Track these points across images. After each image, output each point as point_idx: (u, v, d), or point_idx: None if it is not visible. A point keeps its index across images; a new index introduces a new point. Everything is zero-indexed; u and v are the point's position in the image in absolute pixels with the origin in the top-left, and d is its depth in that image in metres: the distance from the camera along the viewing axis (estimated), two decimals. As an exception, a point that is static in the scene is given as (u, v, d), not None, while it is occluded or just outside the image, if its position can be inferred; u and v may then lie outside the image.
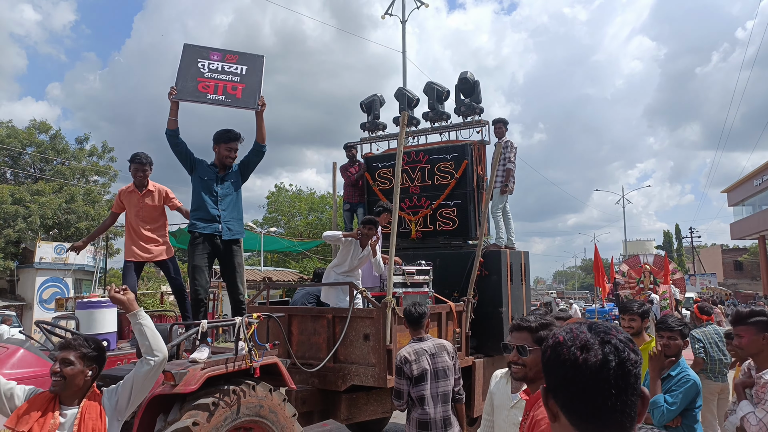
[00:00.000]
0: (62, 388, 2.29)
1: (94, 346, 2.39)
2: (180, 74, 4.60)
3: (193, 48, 4.72)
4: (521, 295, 6.99)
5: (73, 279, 24.25)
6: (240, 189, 4.59)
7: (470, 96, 7.33)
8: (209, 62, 4.61)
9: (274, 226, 32.02)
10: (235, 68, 4.61)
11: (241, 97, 4.47)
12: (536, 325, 2.15)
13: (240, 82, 4.54)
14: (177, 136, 4.49)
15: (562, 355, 1.04)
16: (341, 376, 5.14)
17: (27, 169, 26.05)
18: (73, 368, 2.30)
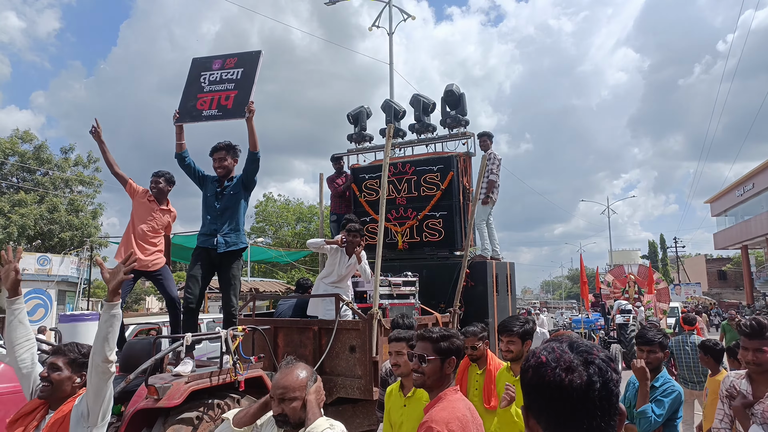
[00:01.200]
0: (49, 394, 2.25)
1: (84, 352, 2.34)
2: (184, 94, 4.66)
3: (198, 61, 4.77)
4: (507, 305, 7.04)
5: (56, 290, 23.88)
6: (241, 200, 4.51)
7: (456, 108, 7.41)
8: (210, 73, 4.63)
9: (262, 236, 31.88)
10: (231, 73, 4.56)
11: (232, 106, 4.41)
12: (437, 336, 2.28)
13: (233, 89, 4.49)
14: (184, 158, 4.56)
15: (547, 376, 1.02)
16: (327, 389, 5.11)
17: (9, 179, 25.71)
18: (60, 374, 2.26)
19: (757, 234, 31.01)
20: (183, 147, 4.58)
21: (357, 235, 5.52)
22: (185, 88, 4.69)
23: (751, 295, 33.78)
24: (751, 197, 31.99)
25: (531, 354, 1.11)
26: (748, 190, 31.91)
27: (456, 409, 2.08)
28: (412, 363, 2.32)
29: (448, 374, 2.27)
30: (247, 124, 4.35)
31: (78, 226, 24.84)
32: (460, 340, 2.34)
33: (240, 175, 4.53)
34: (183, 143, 4.58)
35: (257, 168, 4.50)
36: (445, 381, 2.25)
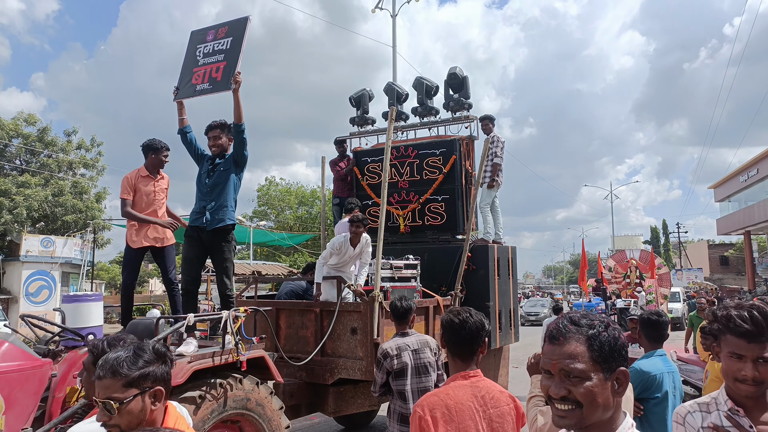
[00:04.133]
0: None
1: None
2: (182, 69, 4.66)
3: (196, 34, 4.75)
4: (508, 289, 7.06)
5: (60, 272, 24.02)
6: (231, 175, 4.45)
7: (459, 91, 7.35)
8: (205, 46, 4.61)
9: (264, 220, 31.92)
10: (222, 44, 4.52)
11: (221, 78, 4.37)
12: None
13: (223, 60, 4.45)
14: (186, 134, 4.58)
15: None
16: (329, 370, 5.17)
17: (13, 161, 25.72)
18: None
19: (760, 220, 30.90)
20: (185, 122, 4.58)
21: (360, 226, 5.52)
22: (184, 62, 4.69)
23: (752, 281, 33.78)
24: (755, 183, 31.81)
25: None
26: (752, 175, 31.73)
27: (450, 396, 2.03)
28: None
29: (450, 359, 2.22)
30: (233, 96, 4.26)
31: (82, 209, 24.90)
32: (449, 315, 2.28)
33: (231, 152, 4.51)
34: (184, 118, 4.58)
35: (244, 141, 4.41)
36: (451, 366, 2.20)
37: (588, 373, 1.23)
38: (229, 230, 4.47)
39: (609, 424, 1.26)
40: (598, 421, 1.24)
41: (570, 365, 1.24)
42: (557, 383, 1.25)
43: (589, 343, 1.25)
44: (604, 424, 1.26)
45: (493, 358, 6.81)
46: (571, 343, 1.26)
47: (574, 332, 1.27)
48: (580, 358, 1.24)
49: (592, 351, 1.24)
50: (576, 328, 1.28)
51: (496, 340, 6.54)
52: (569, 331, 1.28)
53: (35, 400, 3.23)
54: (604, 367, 1.24)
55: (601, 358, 1.24)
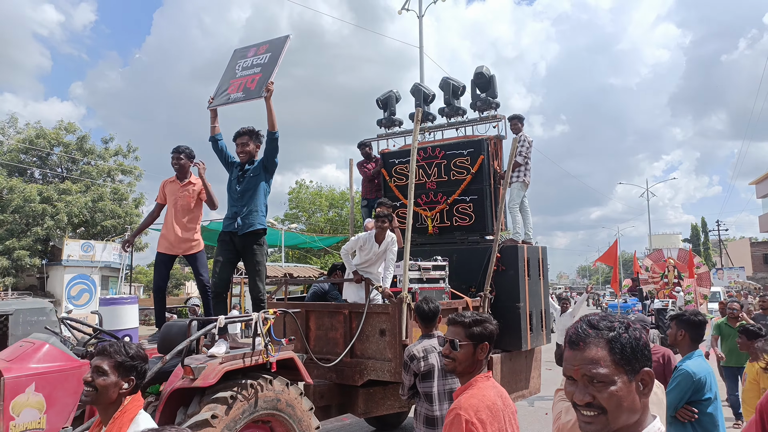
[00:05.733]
0: (93, 399, 2.05)
1: (133, 353, 2.11)
2: (220, 82, 4.82)
3: (238, 52, 4.92)
4: (539, 290, 6.96)
5: (99, 276, 24.82)
6: (262, 182, 4.55)
7: (486, 91, 7.29)
8: (245, 60, 4.75)
9: (295, 223, 32.28)
10: (261, 59, 4.65)
11: (255, 87, 4.48)
12: (469, 321, 2.22)
13: (259, 72, 4.57)
14: (217, 142, 4.70)
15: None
16: (358, 371, 5.20)
17: (54, 168, 26.70)
18: (106, 379, 2.03)
19: (806, 216, 29.67)
20: (216, 130, 4.71)
21: (385, 221, 5.54)
22: (223, 76, 4.86)
23: (799, 280, 32.44)
24: (801, 178, 30.58)
25: None
26: (798, 170, 30.47)
27: (486, 396, 2.03)
28: (443, 348, 2.27)
29: (480, 360, 2.21)
30: (265, 104, 4.37)
31: (121, 215, 25.66)
32: (493, 325, 2.28)
33: (262, 157, 4.59)
34: (216, 126, 4.71)
35: (276, 148, 4.52)
36: (476, 367, 2.20)
37: (611, 377, 1.20)
38: (261, 234, 4.56)
39: (636, 427, 1.23)
40: (625, 425, 1.21)
41: (592, 371, 1.21)
42: (581, 389, 1.23)
43: (611, 346, 1.22)
44: (631, 427, 1.22)
45: (524, 360, 6.72)
46: (591, 348, 1.23)
47: (594, 336, 1.24)
48: (602, 362, 1.21)
49: (613, 354, 1.22)
50: (595, 331, 1.25)
51: (527, 342, 6.46)
52: (589, 335, 1.25)
53: (74, 399, 3.35)
54: (628, 369, 1.21)
55: (624, 361, 1.21)
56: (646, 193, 45.02)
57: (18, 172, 25.07)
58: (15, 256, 22.23)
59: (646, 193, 45.10)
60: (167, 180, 5.13)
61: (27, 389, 3.14)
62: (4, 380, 3.09)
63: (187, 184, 5.03)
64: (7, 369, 3.15)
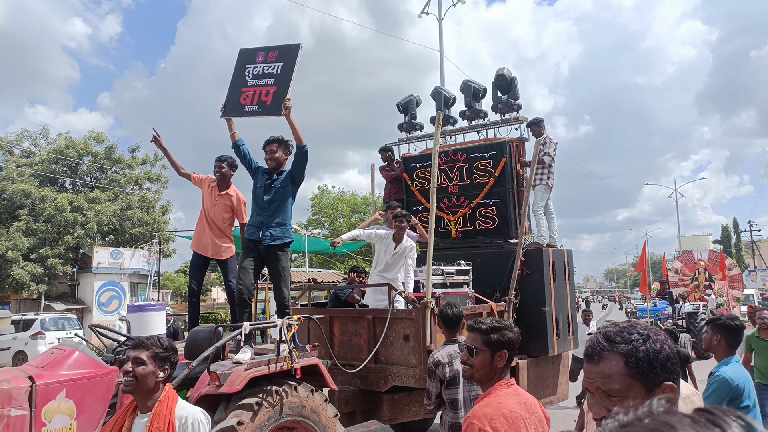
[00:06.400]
0: (134, 389, 2.24)
1: (166, 345, 2.34)
2: (231, 86, 4.79)
3: (245, 53, 4.86)
4: (565, 294, 6.85)
5: (128, 283, 25.33)
6: (289, 194, 4.58)
7: (507, 93, 7.23)
8: (254, 66, 4.70)
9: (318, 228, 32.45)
10: (272, 68, 4.61)
11: (271, 103, 4.48)
12: (487, 328, 2.18)
13: (273, 84, 4.55)
14: (238, 148, 4.76)
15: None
16: (383, 377, 5.18)
17: (84, 178, 27.36)
18: (145, 368, 2.24)
19: (844, 215, 28.65)
20: (236, 137, 4.76)
21: (403, 220, 5.55)
22: (232, 80, 4.83)
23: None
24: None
25: None
26: (834, 167, 29.47)
27: (503, 405, 1.98)
28: (461, 354, 2.25)
29: (498, 368, 2.16)
30: (287, 121, 4.40)
31: (149, 222, 26.15)
32: (513, 333, 2.23)
33: (290, 169, 4.62)
34: (235, 133, 4.75)
35: (305, 161, 4.56)
36: (495, 374, 2.15)
37: (626, 392, 1.17)
38: (287, 246, 4.61)
39: None
40: None
41: (605, 385, 1.19)
42: (598, 403, 1.21)
43: (626, 360, 1.19)
44: None
45: (551, 365, 6.61)
46: (605, 362, 1.21)
47: (609, 349, 1.22)
48: (616, 376, 1.19)
49: (629, 368, 1.19)
50: (610, 344, 1.23)
51: (553, 347, 6.36)
52: (603, 348, 1.23)
53: (104, 406, 3.40)
54: (645, 383, 1.18)
55: (640, 375, 1.18)
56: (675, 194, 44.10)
57: (49, 182, 25.76)
58: (48, 264, 22.83)
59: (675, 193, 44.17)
60: (210, 180, 5.14)
61: (58, 396, 3.21)
62: (36, 387, 3.16)
63: (225, 195, 5.09)
64: (39, 376, 3.22)
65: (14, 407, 3.04)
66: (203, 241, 5.06)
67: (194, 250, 5.14)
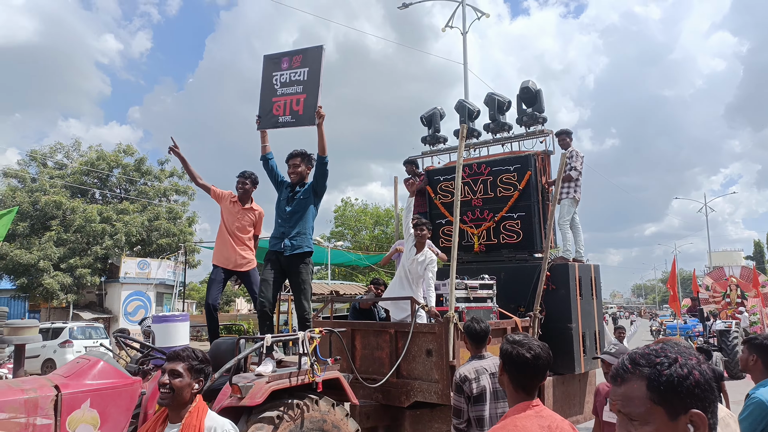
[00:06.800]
0: (170, 401, 2.24)
1: (201, 357, 2.36)
2: (261, 97, 4.83)
3: (270, 59, 4.89)
4: (592, 310, 6.70)
5: (155, 293, 25.73)
6: (311, 205, 4.59)
7: (532, 105, 7.17)
8: (281, 74, 4.73)
9: (341, 240, 32.57)
10: (298, 74, 4.63)
11: (303, 112, 4.51)
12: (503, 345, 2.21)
13: (302, 92, 4.57)
14: (268, 161, 4.79)
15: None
16: (405, 392, 5.11)
17: (114, 189, 28.00)
18: (182, 380, 2.25)
19: None
20: (267, 149, 4.79)
21: (423, 228, 5.54)
22: (261, 90, 4.87)
23: None
24: None
25: None
26: None
27: (519, 427, 1.89)
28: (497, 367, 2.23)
29: (503, 384, 2.12)
30: (317, 129, 4.42)
31: (175, 233, 26.59)
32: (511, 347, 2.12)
33: (312, 181, 4.63)
34: (267, 146, 4.79)
35: (326, 172, 4.56)
36: (509, 393, 2.10)
37: (646, 417, 1.13)
38: (308, 255, 4.60)
39: None
40: None
41: (626, 408, 1.16)
42: (621, 426, 1.19)
43: (648, 383, 1.15)
44: None
45: (578, 383, 6.46)
46: (627, 384, 1.18)
47: (631, 371, 1.19)
48: (637, 400, 1.15)
49: (651, 392, 1.14)
50: (634, 367, 1.19)
51: (580, 365, 6.21)
52: (627, 370, 1.20)
53: (127, 416, 3.42)
54: (669, 409, 1.12)
55: (663, 400, 1.13)
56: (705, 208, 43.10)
57: (80, 193, 26.42)
58: (77, 274, 23.34)
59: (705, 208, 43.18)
60: (231, 196, 5.16)
61: (83, 405, 3.23)
62: (62, 396, 3.19)
63: (248, 210, 5.12)
64: (64, 385, 3.26)
65: (40, 416, 3.08)
66: (225, 254, 5.08)
67: (215, 264, 5.14)
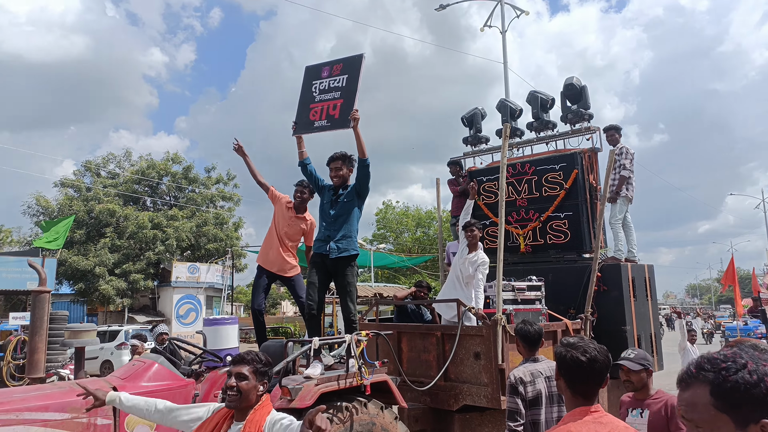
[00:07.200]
0: (238, 404, 2.28)
1: (264, 360, 2.40)
2: (299, 104, 4.88)
3: (310, 69, 4.94)
4: (647, 311, 6.46)
5: (204, 296, 26.46)
6: (354, 208, 4.59)
7: (577, 102, 6.98)
8: (320, 82, 4.77)
9: (383, 243, 32.64)
10: (337, 81, 4.65)
11: (339, 116, 4.51)
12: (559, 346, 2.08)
13: (339, 98, 4.58)
14: (306, 166, 4.82)
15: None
16: (453, 395, 5.05)
17: (163, 197, 28.98)
18: (248, 383, 2.30)
19: None
20: (304, 155, 4.81)
21: (474, 229, 5.56)
22: (300, 97, 4.90)
23: None
24: None
25: None
26: None
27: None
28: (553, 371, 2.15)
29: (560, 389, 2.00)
30: (354, 132, 4.41)
31: (222, 238, 27.29)
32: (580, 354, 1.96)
33: (354, 183, 4.63)
34: (303, 151, 4.82)
35: (368, 175, 4.54)
36: (566, 398, 1.98)
37: (711, 425, 1.08)
38: (353, 258, 4.61)
39: None
40: None
41: (688, 414, 1.13)
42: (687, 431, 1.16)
43: (711, 389, 1.10)
44: None
45: (632, 387, 6.22)
46: (691, 389, 1.15)
47: (695, 376, 1.15)
48: (700, 406, 1.11)
49: (715, 398, 1.09)
50: (698, 372, 1.15)
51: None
52: (691, 375, 1.16)
53: (181, 417, 3.50)
54: (736, 418, 1.07)
55: (728, 407, 1.07)
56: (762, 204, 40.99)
57: (132, 201, 27.46)
58: (131, 279, 24.26)
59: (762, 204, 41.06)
60: (287, 201, 5.21)
61: (140, 406, 3.33)
62: (121, 397, 3.30)
63: (302, 218, 5.18)
64: (122, 387, 3.37)
65: (100, 416, 3.19)
66: (270, 257, 5.15)
67: (260, 264, 5.22)
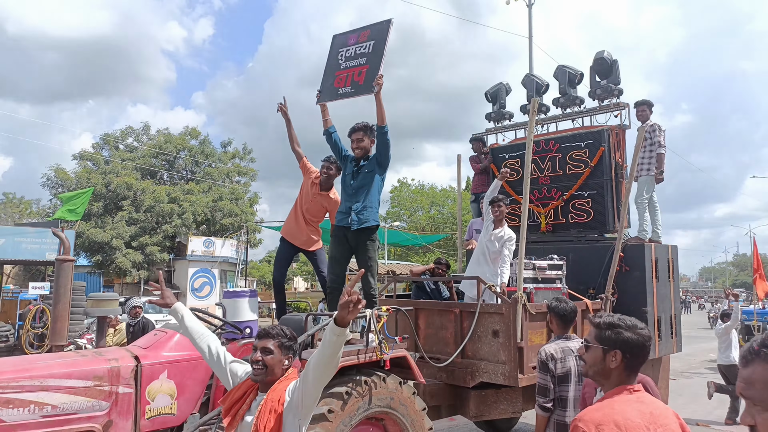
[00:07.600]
0: (263, 377, 2.30)
1: (289, 335, 2.41)
2: (325, 72, 4.79)
3: (338, 38, 4.85)
4: (668, 293, 6.35)
5: (219, 270, 26.73)
6: (375, 176, 4.49)
7: (607, 77, 6.76)
8: (347, 49, 4.67)
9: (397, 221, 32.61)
10: (364, 47, 4.55)
11: (364, 82, 4.41)
12: (600, 323, 2.03)
13: (365, 64, 4.49)
14: (330, 135, 4.71)
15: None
16: (470, 372, 5.03)
17: (180, 171, 29.11)
18: (273, 357, 2.31)
19: None
20: (329, 123, 4.71)
21: (501, 204, 5.58)
22: (326, 66, 4.81)
23: None
24: None
25: None
26: None
27: (616, 411, 1.78)
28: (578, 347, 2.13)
29: (611, 368, 1.92)
30: (375, 98, 4.31)
31: (238, 213, 27.44)
32: (631, 333, 1.94)
33: (374, 153, 4.54)
34: (328, 119, 4.71)
35: (387, 142, 4.43)
36: (612, 376, 1.92)
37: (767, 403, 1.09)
38: (374, 230, 4.53)
39: None
40: None
41: (746, 391, 1.13)
42: (746, 409, 1.14)
43: None
44: None
45: (651, 369, 6.14)
46: (751, 367, 1.14)
47: (756, 354, 1.14)
48: (758, 384, 1.11)
49: None
50: (760, 349, 1.14)
51: (655, 350, 5.90)
52: (753, 352, 1.15)
53: (202, 387, 3.52)
54: None
55: None
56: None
57: (149, 175, 27.64)
58: (147, 252, 24.54)
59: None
60: (315, 175, 5.07)
61: (161, 376, 3.35)
62: (142, 366, 3.31)
63: (325, 196, 5.05)
64: (144, 356, 3.37)
65: (122, 385, 3.20)
66: (294, 231, 5.10)
67: (283, 236, 5.18)
